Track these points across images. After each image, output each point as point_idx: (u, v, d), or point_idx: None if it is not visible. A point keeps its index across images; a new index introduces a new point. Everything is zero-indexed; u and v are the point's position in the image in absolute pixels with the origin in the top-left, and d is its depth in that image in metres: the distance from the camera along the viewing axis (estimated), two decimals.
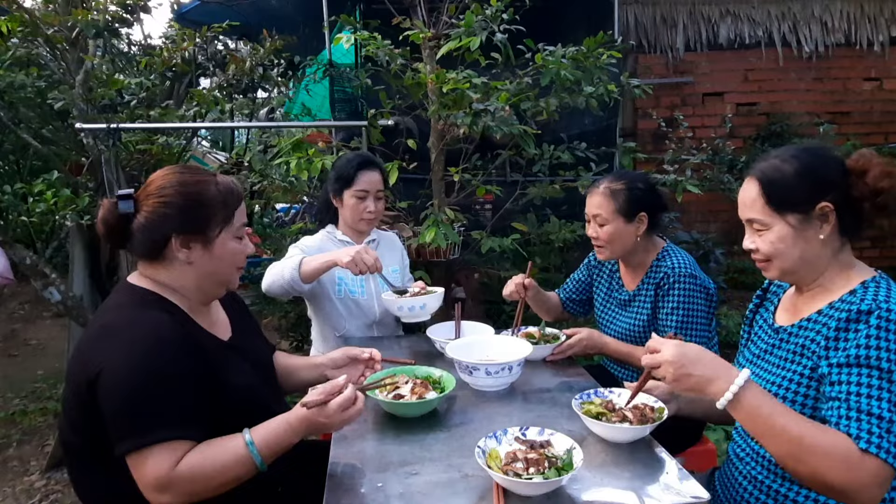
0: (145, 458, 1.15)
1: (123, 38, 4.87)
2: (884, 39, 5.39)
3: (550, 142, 3.40)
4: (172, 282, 1.34)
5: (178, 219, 1.29)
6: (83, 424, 1.23)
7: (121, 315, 1.27)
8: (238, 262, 1.39)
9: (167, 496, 1.15)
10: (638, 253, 2.01)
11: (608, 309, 2.17)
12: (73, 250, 3.45)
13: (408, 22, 3.03)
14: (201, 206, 1.31)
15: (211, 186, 1.33)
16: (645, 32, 5.31)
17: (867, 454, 1.04)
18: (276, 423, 1.23)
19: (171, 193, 1.29)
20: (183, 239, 1.30)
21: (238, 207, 1.37)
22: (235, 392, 1.31)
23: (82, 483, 1.33)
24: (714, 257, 4.31)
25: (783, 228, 1.24)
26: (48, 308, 5.34)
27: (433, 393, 1.49)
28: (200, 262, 1.33)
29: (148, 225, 1.28)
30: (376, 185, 2.23)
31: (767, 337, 1.38)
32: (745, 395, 1.12)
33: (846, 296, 1.21)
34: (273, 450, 1.22)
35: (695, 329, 1.87)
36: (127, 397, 1.16)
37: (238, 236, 1.38)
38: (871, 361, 1.09)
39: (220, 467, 1.18)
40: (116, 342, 1.20)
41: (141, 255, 1.34)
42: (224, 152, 8.51)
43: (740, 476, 1.36)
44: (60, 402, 1.73)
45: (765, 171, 1.27)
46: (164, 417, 1.17)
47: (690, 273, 1.89)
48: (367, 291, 2.26)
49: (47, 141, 3.95)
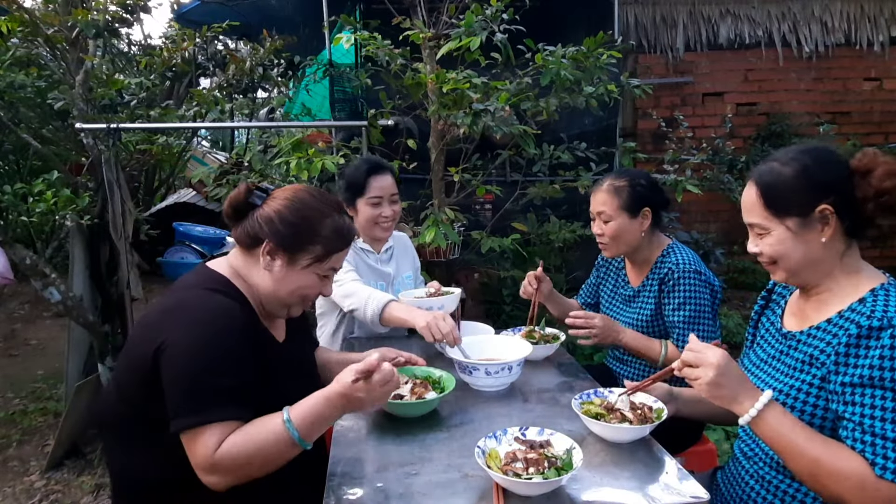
0: (198, 437, 1.17)
1: (123, 38, 4.88)
2: (884, 39, 5.39)
3: (550, 142, 3.40)
4: (249, 276, 1.38)
5: (278, 229, 1.34)
6: (138, 397, 1.25)
7: (192, 294, 1.31)
8: (306, 295, 1.41)
9: (215, 477, 1.17)
10: (643, 249, 2.01)
11: (613, 304, 2.18)
12: (73, 250, 3.45)
13: (408, 22, 3.03)
14: (304, 232, 1.35)
15: (326, 220, 1.37)
16: (645, 32, 5.31)
17: (882, 480, 1.05)
18: (313, 398, 1.24)
19: (287, 206, 1.36)
20: (272, 248, 1.35)
21: (338, 252, 1.40)
22: (278, 393, 1.32)
23: (115, 454, 1.35)
24: (714, 257, 4.31)
25: (783, 232, 1.24)
26: (48, 308, 5.34)
27: (433, 393, 1.49)
28: (276, 276, 1.36)
29: (256, 219, 1.36)
30: (389, 188, 2.18)
31: (775, 341, 1.37)
32: (767, 414, 1.15)
33: (856, 304, 1.20)
34: (311, 426, 1.22)
35: (703, 325, 1.87)
36: (190, 372, 1.19)
37: (323, 275, 1.40)
38: (885, 383, 1.09)
39: (261, 445, 1.18)
40: (185, 318, 1.24)
41: (238, 239, 1.39)
42: (224, 152, 8.53)
43: (746, 475, 1.36)
44: (88, 392, 1.73)
45: (763, 174, 1.26)
46: (223, 396, 1.19)
47: (695, 269, 1.90)
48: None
49: (47, 141, 3.95)
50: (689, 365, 1.21)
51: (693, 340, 1.23)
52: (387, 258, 2.32)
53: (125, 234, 3.16)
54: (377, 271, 2.26)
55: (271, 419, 1.21)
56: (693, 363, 1.20)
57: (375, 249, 2.28)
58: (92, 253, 3.47)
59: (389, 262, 2.32)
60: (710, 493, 1.33)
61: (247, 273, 1.39)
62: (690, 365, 1.21)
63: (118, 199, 3.13)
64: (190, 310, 1.26)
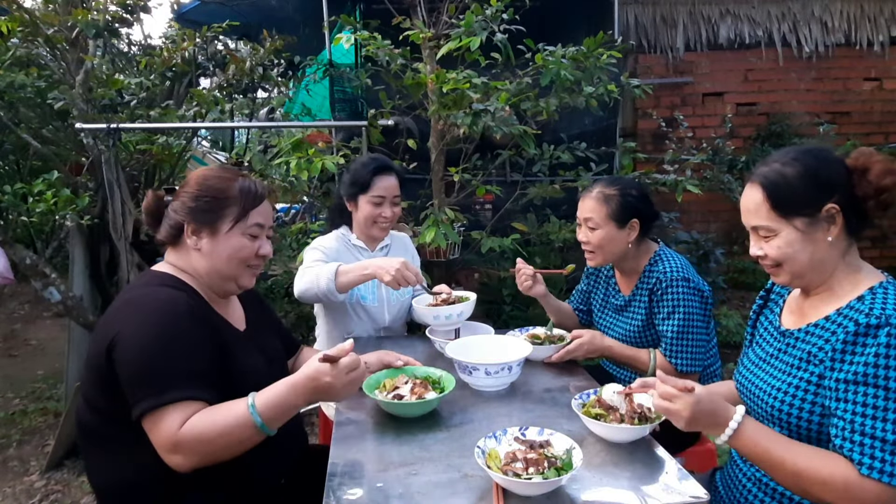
0: (160, 419, 1.18)
1: (123, 38, 4.86)
2: (884, 39, 5.39)
3: (550, 142, 3.40)
4: (187, 267, 1.42)
5: (191, 207, 1.39)
6: (100, 398, 1.27)
7: (140, 291, 1.35)
8: (244, 258, 1.43)
9: (178, 457, 1.18)
10: (630, 259, 1.99)
11: (605, 314, 2.17)
12: (73, 250, 3.45)
13: (408, 22, 3.03)
14: (214, 199, 1.39)
15: (231, 183, 1.41)
16: (645, 32, 5.31)
17: (867, 479, 1.05)
18: (279, 385, 1.25)
19: (191, 185, 1.42)
20: (194, 227, 1.39)
21: (255, 208, 1.42)
22: (242, 377, 1.33)
23: (96, 468, 1.35)
24: (714, 257, 4.31)
25: (791, 233, 1.23)
26: (48, 308, 5.34)
27: (433, 393, 1.49)
28: (207, 250, 1.40)
29: (170, 211, 1.43)
30: (393, 190, 2.18)
31: (773, 340, 1.37)
32: (743, 431, 1.17)
33: (854, 302, 1.20)
34: (275, 412, 1.22)
35: (693, 333, 1.85)
36: (142, 359, 1.20)
37: (252, 235, 1.43)
38: (878, 381, 1.09)
39: (222, 428, 1.19)
40: (133, 311, 1.28)
41: (164, 238, 1.45)
42: (224, 152, 8.51)
43: (744, 477, 1.36)
44: (71, 393, 1.73)
45: (768, 176, 1.25)
46: (179, 378, 1.20)
47: (683, 276, 1.87)
48: (378, 299, 2.23)
49: (47, 141, 3.95)
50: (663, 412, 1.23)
51: (660, 387, 1.23)
52: (381, 256, 2.32)
53: (125, 234, 3.16)
54: None
55: (236, 404, 1.23)
56: (664, 412, 1.22)
57: (370, 247, 2.28)
58: (92, 253, 3.47)
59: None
60: (709, 493, 1.33)
61: (184, 264, 1.43)
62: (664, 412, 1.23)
63: (118, 199, 3.13)
64: (137, 304, 1.29)
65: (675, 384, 1.20)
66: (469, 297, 1.95)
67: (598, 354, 1.93)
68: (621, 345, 1.97)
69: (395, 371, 1.63)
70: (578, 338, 1.87)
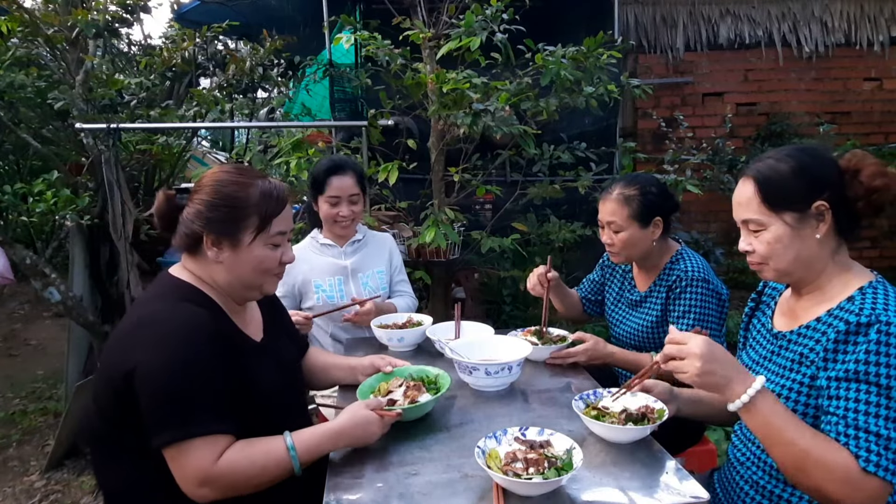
0: (187, 451, 1.16)
1: (123, 38, 4.86)
2: (884, 39, 5.39)
3: (550, 142, 3.39)
4: (206, 277, 1.35)
5: (208, 217, 1.30)
6: (115, 414, 1.24)
7: (157, 307, 1.28)
8: (267, 269, 1.36)
9: (206, 490, 1.17)
10: (652, 256, 1.99)
11: (619, 309, 2.16)
12: (73, 250, 3.45)
13: (408, 22, 3.02)
14: (233, 208, 1.30)
15: (250, 189, 1.31)
16: (645, 32, 5.31)
17: (868, 473, 1.05)
18: (320, 431, 1.27)
19: (206, 190, 1.31)
20: (214, 238, 1.31)
21: (278, 215, 1.34)
22: (260, 394, 1.32)
23: (105, 470, 1.34)
24: (714, 257, 4.31)
25: (780, 228, 1.24)
26: (48, 308, 5.34)
27: (427, 395, 1.48)
28: (229, 263, 1.32)
29: (185, 219, 1.32)
30: (348, 189, 2.23)
31: (766, 342, 1.38)
32: (758, 401, 1.13)
33: (844, 303, 1.20)
34: (312, 456, 1.25)
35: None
36: (165, 390, 1.16)
37: (274, 244, 1.35)
38: (869, 377, 1.09)
39: (261, 468, 1.20)
40: (152, 335, 1.20)
41: (180, 246, 1.36)
42: (224, 152, 8.52)
43: (741, 479, 1.35)
44: (88, 392, 1.72)
45: (760, 170, 1.26)
46: (204, 411, 1.18)
47: (703, 277, 1.88)
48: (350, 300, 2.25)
49: (47, 141, 3.95)
50: (673, 358, 1.19)
51: (672, 331, 1.21)
52: (350, 251, 2.35)
53: (125, 234, 3.16)
54: (335, 266, 2.31)
55: (272, 442, 1.23)
56: (676, 356, 1.18)
57: (338, 244, 2.34)
58: (92, 253, 3.47)
59: (352, 256, 2.34)
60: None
61: (203, 274, 1.35)
62: (674, 357, 1.19)
63: (118, 199, 3.13)
64: (159, 325, 1.22)
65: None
66: (423, 322, 2.03)
67: (600, 361, 1.92)
68: (623, 351, 1.96)
69: (389, 374, 1.61)
70: (582, 341, 1.86)
